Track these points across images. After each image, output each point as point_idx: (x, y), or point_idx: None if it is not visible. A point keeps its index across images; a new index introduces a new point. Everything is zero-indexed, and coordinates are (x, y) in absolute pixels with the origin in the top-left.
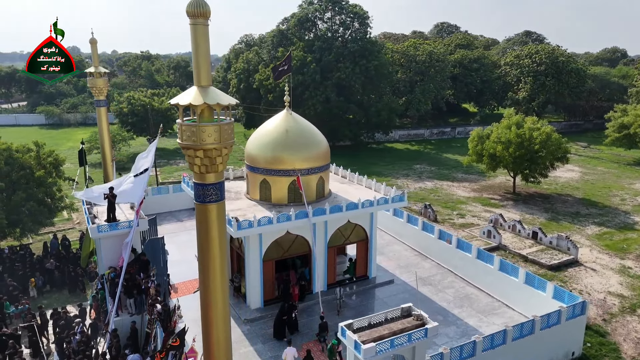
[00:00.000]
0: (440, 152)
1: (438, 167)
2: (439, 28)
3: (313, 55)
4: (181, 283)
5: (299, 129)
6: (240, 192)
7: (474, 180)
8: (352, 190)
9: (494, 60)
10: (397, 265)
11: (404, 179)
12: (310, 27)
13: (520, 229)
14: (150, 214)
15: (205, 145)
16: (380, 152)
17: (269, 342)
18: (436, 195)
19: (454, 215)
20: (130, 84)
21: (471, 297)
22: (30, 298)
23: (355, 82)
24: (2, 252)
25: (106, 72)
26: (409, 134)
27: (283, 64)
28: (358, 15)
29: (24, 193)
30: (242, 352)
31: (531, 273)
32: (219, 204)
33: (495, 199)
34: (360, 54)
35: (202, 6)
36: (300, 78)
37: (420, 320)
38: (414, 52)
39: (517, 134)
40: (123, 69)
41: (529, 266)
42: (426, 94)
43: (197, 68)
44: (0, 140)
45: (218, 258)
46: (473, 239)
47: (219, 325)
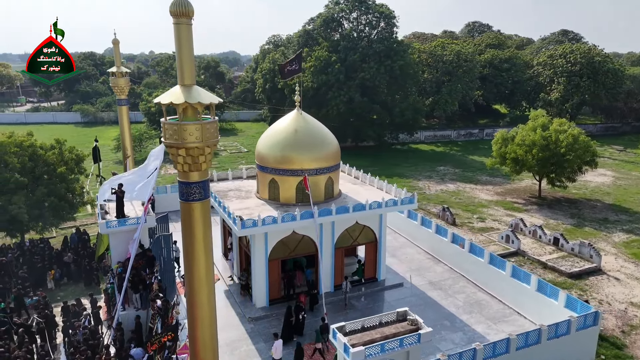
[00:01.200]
0: (466, 154)
1: (462, 170)
2: (470, 27)
3: (338, 55)
4: None
5: (308, 129)
6: (251, 191)
7: (499, 183)
8: (363, 192)
9: (526, 60)
10: (409, 268)
11: (426, 180)
12: (335, 27)
13: (541, 234)
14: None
15: (187, 144)
16: (405, 153)
17: (271, 341)
18: (457, 198)
19: (473, 218)
20: (162, 83)
21: (482, 303)
22: (48, 290)
23: (379, 82)
24: (23, 245)
25: (127, 72)
26: (435, 135)
27: (292, 63)
28: (384, 15)
29: (45, 188)
30: (243, 350)
31: (543, 280)
32: (203, 203)
33: (519, 203)
34: (386, 54)
35: (185, 6)
36: (324, 78)
37: (415, 325)
38: (441, 52)
39: (543, 136)
40: (156, 69)
41: (548, 273)
42: (453, 94)
43: (181, 67)
44: (25, 137)
45: (203, 256)
46: (490, 244)
47: (204, 324)
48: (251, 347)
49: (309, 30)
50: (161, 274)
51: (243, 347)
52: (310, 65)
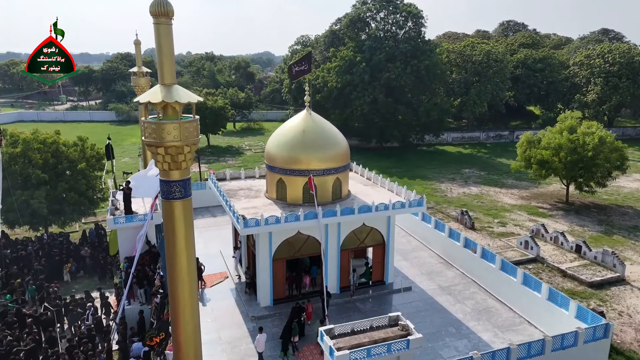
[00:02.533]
0: (494, 156)
1: (488, 172)
2: (505, 27)
3: (363, 55)
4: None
5: (316, 130)
6: (261, 191)
7: (525, 187)
8: (373, 193)
9: (562, 60)
10: (419, 272)
11: (448, 183)
12: (362, 27)
13: (563, 241)
14: None
15: (165, 142)
16: (430, 155)
17: (271, 340)
18: (480, 201)
19: (494, 223)
20: (193, 83)
21: (491, 310)
22: (64, 282)
23: (405, 82)
24: (42, 238)
25: (148, 72)
26: (463, 136)
27: (302, 63)
28: (412, 15)
29: (66, 184)
30: (242, 348)
31: (554, 289)
32: (184, 201)
33: (544, 208)
34: (412, 53)
35: (165, 5)
36: (349, 78)
37: (406, 331)
38: (470, 52)
39: (570, 139)
40: (188, 69)
41: (567, 282)
42: (482, 95)
43: (161, 66)
44: (48, 134)
45: (184, 255)
46: (508, 250)
47: (186, 321)
48: (251, 345)
49: (335, 31)
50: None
51: (243, 346)
52: (335, 66)
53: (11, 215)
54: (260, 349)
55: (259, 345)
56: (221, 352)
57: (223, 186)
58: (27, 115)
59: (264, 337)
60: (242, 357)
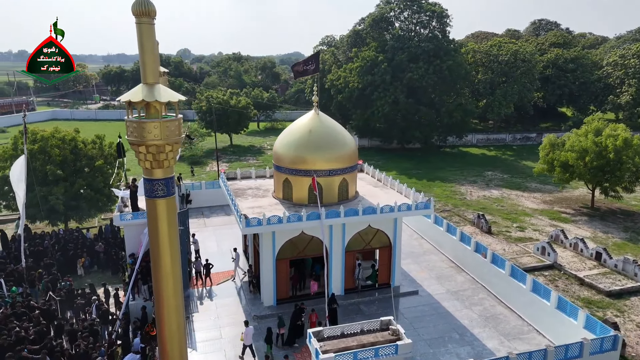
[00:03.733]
0: (519, 159)
1: (511, 175)
2: (536, 26)
3: (385, 55)
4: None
5: (323, 130)
6: (269, 191)
7: (548, 191)
8: (382, 195)
9: (595, 60)
10: (428, 275)
11: (469, 185)
12: (385, 26)
13: (583, 247)
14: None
15: (146, 141)
16: (453, 156)
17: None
18: (500, 205)
19: (512, 227)
20: (220, 83)
21: (499, 317)
22: (77, 276)
23: (427, 82)
24: (59, 233)
25: (165, 71)
26: (488, 138)
27: (309, 62)
28: (436, 14)
29: (83, 181)
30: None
31: (563, 297)
32: (167, 200)
33: (567, 213)
34: (435, 53)
35: (147, 5)
36: (370, 78)
37: (396, 336)
38: (496, 52)
39: (595, 141)
40: (215, 69)
41: (584, 290)
42: (508, 96)
43: (143, 66)
44: (67, 132)
45: (168, 253)
46: (524, 255)
47: (171, 318)
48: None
49: (358, 31)
50: None
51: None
52: (357, 66)
53: (32, 210)
54: (248, 342)
55: (246, 338)
56: (222, 349)
57: (233, 185)
58: (61, 113)
59: (251, 330)
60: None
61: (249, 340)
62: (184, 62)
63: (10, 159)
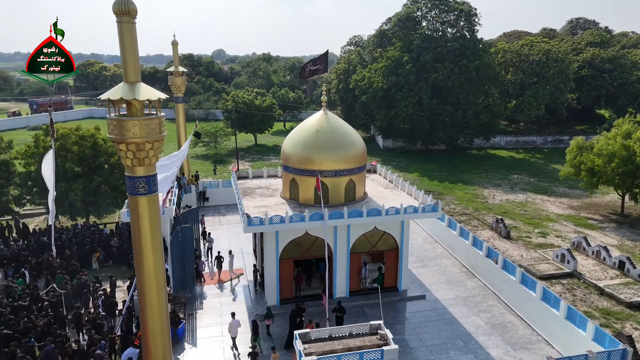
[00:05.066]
0: (549, 162)
1: (538, 179)
2: (573, 24)
3: (410, 55)
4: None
5: (331, 130)
6: (278, 190)
7: (576, 196)
8: (391, 197)
9: (635, 60)
10: (438, 280)
11: (492, 189)
12: (412, 26)
13: (605, 255)
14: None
15: (126, 139)
16: (478, 159)
17: (268, 340)
18: (523, 209)
19: (533, 233)
20: (248, 83)
21: (507, 325)
22: (92, 270)
23: (453, 83)
24: (76, 227)
25: (184, 71)
26: (518, 140)
27: (317, 62)
28: (464, 13)
29: (101, 178)
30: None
31: (573, 308)
32: (149, 197)
33: (594, 220)
34: (461, 53)
35: (127, 5)
36: (394, 79)
37: (384, 341)
38: (528, 51)
39: (624, 145)
40: (245, 69)
41: (604, 300)
42: (539, 97)
43: (125, 64)
44: (86, 130)
45: (150, 250)
46: (543, 262)
47: (154, 316)
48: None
49: (384, 31)
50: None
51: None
52: (381, 66)
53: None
54: (234, 334)
55: (232, 331)
56: (220, 347)
57: (243, 184)
58: (96, 112)
59: (236, 322)
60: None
61: (234, 332)
62: (214, 63)
63: (32, 156)
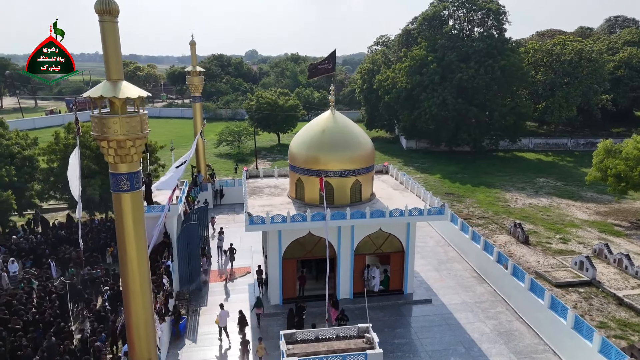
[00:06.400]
0: (579, 165)
1: (565, 183)
2: (611, 23)
3: (435, 54)
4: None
5: (337, 130)
6: (286, 190)
7: (604, 201)
8: (399, 198)
9: None
10: (447, 284)
11: (516, 192)
12: (438, 25)
13: (628, 264)
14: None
15: (108, 136)
16: (504, 161)
17: (269, 339)
18: (546, 214)
19: (554, 239)
20: (275, 83)
21: (513, 333)
22: (107, 264)
23: (478, 83)
24: (93, 222)
25: (202, 71)
26: (547, 142)
27: (326, 61)
28: (492, 12)
29: None
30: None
31: (580, 318)
32: (132, 194)
33: (622, 226)
34: (487, 53)
35: (109, 4)
36: (418, 78)
37: (369, 344)
38: (559, 51)
39: None
40: (273, 69)
41: (622, 311)
42: (570, 98)
43: (107, 63)
44: None
45: (134, 246)
46: (560, 269)
47: (138, 312)
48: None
49: (410, 30)
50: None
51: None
52: (406, 66)
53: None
54: (222, 324)
55: (221, 321)
56: (218, 344)
57: (253, 183)
58: None
59: (225, 313)
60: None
61: (223, 322)
62: (243, 63)
63: (54, 152)
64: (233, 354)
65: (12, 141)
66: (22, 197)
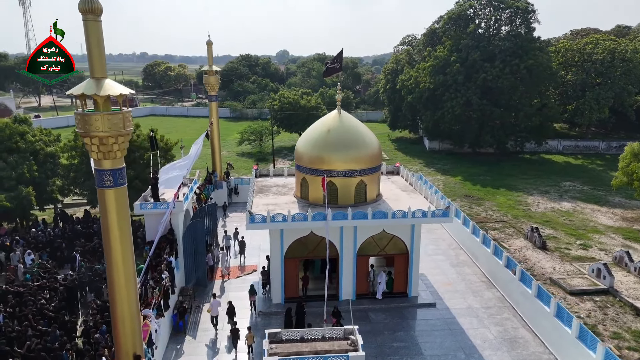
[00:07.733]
0: (609, 169)
1: (592, 187)
2: None
3: (459, 54)
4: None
5: (343, 130)
6: (293, 189)
7: (632, 207)
8: (406, 199)
9: None
10: (454, 288)
11: (538, 195)
12: (464, 24)
13: None
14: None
15: (90, 133)
16: (529, 164)
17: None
18: (568, 219)
19: (574, 245)
20: (301, 83)
21: (518, 340)
22: None
23: (502, 83)
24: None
25: (218, 70)
26: (577, 145)
27: (335, 61)
28: (520, 10)
29: (133, 172)
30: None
31: (585, 327)
32: (116, 190)
33: None
34: (513, 52)
35: (92, 3)
36: (441, 78)
37: (353, 347)
38: (591, 50)
39: None
40: (300, 69)
41: (638, 322)
42: (601, 100)
43: (91, 61)
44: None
45: (118, 241)
46: (577, 276)
47: (123, 306)
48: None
49: (435, 29)
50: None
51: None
52: (429, 65)
53: (91, 196)
54: (214, 313)
55: (213, 310)
56: (216, 341)
57: (261, 182)
58: (158, 109)
59: (217, 302)
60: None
61: (215, 312)
62: (270, 63)
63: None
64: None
65: (36, 137)
66: (43, 193)
